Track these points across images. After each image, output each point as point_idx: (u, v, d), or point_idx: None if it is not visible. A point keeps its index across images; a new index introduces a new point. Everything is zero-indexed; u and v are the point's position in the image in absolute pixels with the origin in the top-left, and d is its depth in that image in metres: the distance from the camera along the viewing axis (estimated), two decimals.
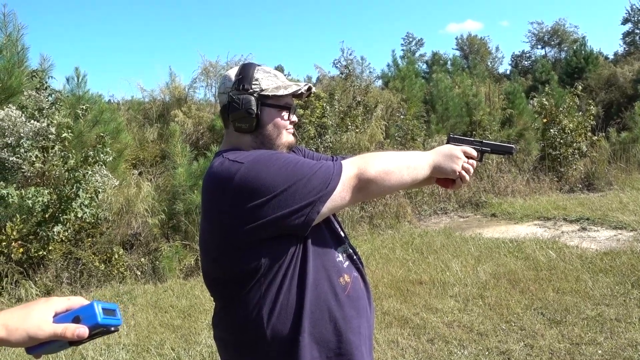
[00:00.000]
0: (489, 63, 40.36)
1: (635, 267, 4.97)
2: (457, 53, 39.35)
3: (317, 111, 10.65)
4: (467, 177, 1.58)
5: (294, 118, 1.55)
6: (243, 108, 1.43)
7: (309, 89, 1.53)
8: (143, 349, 3.89)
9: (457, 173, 1.56)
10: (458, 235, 7.16)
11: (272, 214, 1.30)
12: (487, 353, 3.49)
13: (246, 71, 1.48)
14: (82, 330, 0.91)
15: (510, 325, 3.94)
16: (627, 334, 3.60)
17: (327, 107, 10.51)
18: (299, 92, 1.50)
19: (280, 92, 1.46)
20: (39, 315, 0.91)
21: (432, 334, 3.86)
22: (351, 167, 1.39)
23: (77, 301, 0.96)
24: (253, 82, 1.46)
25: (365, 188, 1.39)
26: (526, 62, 40.98)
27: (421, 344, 3.69)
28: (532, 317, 4.04)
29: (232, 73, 1.50)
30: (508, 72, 36.95)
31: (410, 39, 47.55)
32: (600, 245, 6.13)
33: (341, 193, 1.36)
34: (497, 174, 10.88)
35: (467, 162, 1.58)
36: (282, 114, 1.49)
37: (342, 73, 12.79)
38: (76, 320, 0.92)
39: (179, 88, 11.83)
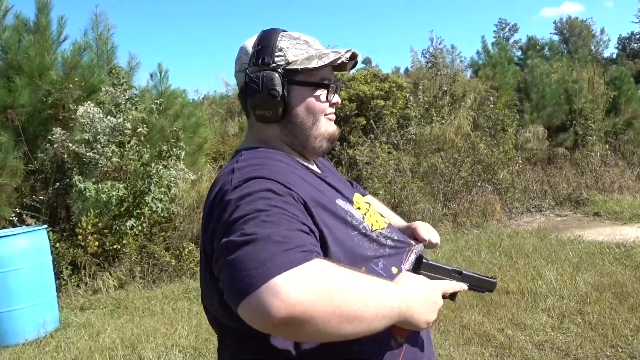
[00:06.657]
0: (592, 47, 37.21)
1: None
2: (556, 38, 36.65)
3: (400, 102, 10.20)
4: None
5: (336, 98, 1.14)
6: (264, 89, 1.06)
7: (353, 56, 1.13)
8: (200, 353, 3.70)
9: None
10: (554, 237, 6.41)
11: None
12: None
13: (267, 40, 1.09)
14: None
15: (617, 350, 3.31)
16: None
17: (411, 98, 10.02)
18: (339, 61, 1.09)
19: (314, 64, 1.07)
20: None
21: (519, 355, 3.33)
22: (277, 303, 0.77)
23: None
24: (276, 54, 1.07)
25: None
26: (635, 45, 37.29)
27: None
28: None
29: (250, 44, 1.12)
30: (614, 56, 33.91)
31: (503, 25, 45.15)
32: None
33: None
34: (602, 168, 9.80)
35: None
36: (318, 94, 1.11)
37: (428, 62, 12.27)
38: None
39: None
